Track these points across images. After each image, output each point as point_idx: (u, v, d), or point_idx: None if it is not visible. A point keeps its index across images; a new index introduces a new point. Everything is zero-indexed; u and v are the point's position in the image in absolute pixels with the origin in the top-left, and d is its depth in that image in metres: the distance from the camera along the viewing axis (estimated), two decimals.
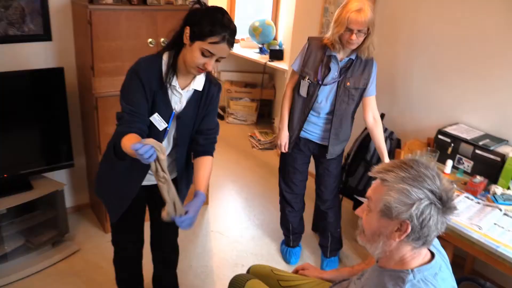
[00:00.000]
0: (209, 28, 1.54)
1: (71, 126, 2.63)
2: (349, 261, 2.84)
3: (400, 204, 1.10)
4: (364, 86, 2.33)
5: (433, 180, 1.11)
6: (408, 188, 1.10)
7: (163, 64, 1.66)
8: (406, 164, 1.15)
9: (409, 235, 1.12)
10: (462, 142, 2.42)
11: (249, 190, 3.65)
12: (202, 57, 1.57)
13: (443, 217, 1.12)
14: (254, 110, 5.09)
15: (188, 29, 1.57)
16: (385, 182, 1.14)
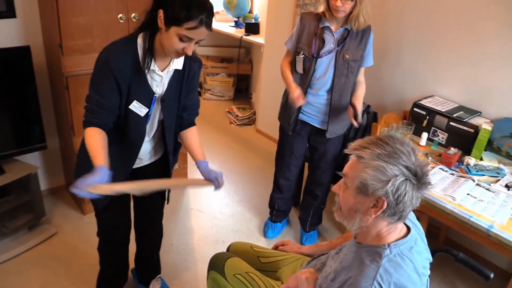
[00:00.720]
0: (184, 12, 1.44)
1: (42, 107, 2.55)
2: (328, 234, 2.89)
3: (376, 181, 1.11)
4: (362, 57, 2.30)
5: (408, 156, 1.12)
6: (384, 165, 1.10)
7: (138, 49, 1.56)
8: (381, 140, 1.16)
9: (385, 211, 1.14)
10: (436, 115, 2.46)
11: (228, 167, 3.64)
12: (180, 42, 1.49)
13: (418, 192, 1.14)
14: (231, 85, 5.03)
15: (161, 12, 1.47)
16: (361, 159, 1.15)
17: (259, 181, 3.44)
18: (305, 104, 2.35)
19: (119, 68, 1.53)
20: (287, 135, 2.51)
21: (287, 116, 2.44)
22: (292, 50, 2.36)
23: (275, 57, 2.47)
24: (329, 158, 2.54)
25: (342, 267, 1.24)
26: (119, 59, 1.54)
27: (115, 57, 1.53)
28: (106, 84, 1.55)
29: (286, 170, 2.65)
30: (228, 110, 4.71)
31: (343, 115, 2.38)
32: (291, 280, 1.41)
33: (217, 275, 1.68)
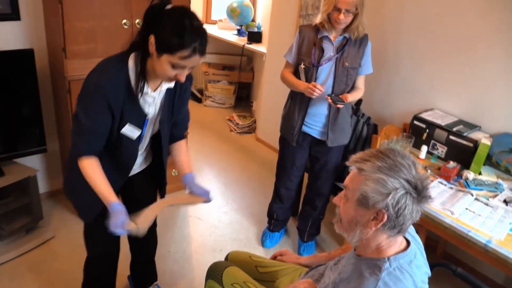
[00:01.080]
0: (176, 40, 1.38)
1: (43, 110, 2.55)
2: (326, 245, 2.88)
3: (377, 193, 1.11)
4: (361, 65, 2.33)
5: (409, 170, 1.13)
6: (385, 178, 1.11)
7: (130, 72, 1.50)
8: (382, 153, 1.17)
9: (385, 224, 1.14)
10: (436, 128, 2.46)
11: (227, 175, 3.64)
12: (173, 69, 1.45)
13: (418, 206, 1.14)
14: (232, 93, 5.05)
15: (152, 38, 1.41)
16: (362, 171, 1.16)
17: (258, 190, 3.44)
18: (308, 115, 2.37)
19: (112, 93, 1.47)
20: (288, 145, 2.52)
21: (290, 128, 2.45)
22: (293, 63, 2.39)
23: (277, 66, 2.49)
24: (330, 168, 2.55)
25: (340, 279, 1.24)
26: (112, 84, 1.47)
27: (108, 82, 1.46)
28: (98, 109, 1.48)
29: (287, 180, 2.65)
30: (229, 117, 4.72)
31: (343, 123, 2.40)
32: None
33: (214, 284, 1.68)
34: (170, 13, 1.42)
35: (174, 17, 1.40)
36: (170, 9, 1.43)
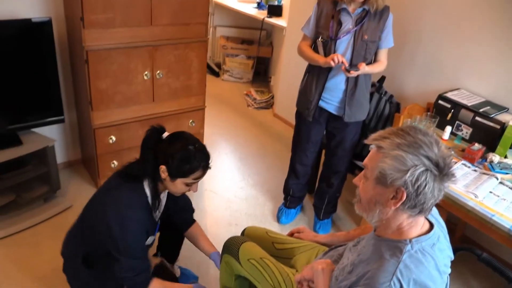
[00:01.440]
0: (188, 166, 1.61)
1: (61, 80, 2.54)
2: (342, 223, 2.86)
3: (395, 170, 1.07)
4: (380, 39, 2.23)
5: (430, 147, 1.08)
6: (403, 155, 1.07)
7: (148, 199, 1.70)
8: (403, 130, 1.12)
9: (405, 203, 1.10)
10: (462, 108, 2.38)
11: (244, 150, 3.62)
12: (187, 186, 1.69)
13: (440, 184, 1.09)
14: (251, 67, 4.97)
15: (164, 167, 1.62)
16: (381, 149, 1.12)
17: (275, 166, 3.41)
18: (325, 90, 2.31)
19: (145, 220, 1.69)
20: (304, 120, 2.46)
21: (307, 102, 2.38)
22: (311, 36, 2.31)
23: (297, 40, 2.41)
24: (346, 145, 2.49)
25: (360, 260, 1.21)
26: (143, 215, 1.69)
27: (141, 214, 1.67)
28: (142, 238, 1.71)
29: (303, 155, 2.61)
30: (246, 92, 4.66)
31: (361, 98, 2.32)
32: (307, 270, 1.39)
33: (231, 259, 1.67)
34: (171, 143, 1.64)
35: (178, 147, 1.62)
36: (169, 139, 1.67)
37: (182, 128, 2.96)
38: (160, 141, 1.67)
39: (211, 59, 5.27)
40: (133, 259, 1.67)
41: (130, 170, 1.72)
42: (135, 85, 2.60)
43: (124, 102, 2.61)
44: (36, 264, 2.26)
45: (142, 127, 2.77)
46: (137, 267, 1.69)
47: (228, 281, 1.76)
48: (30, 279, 2.17)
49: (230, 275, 1.74)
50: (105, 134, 2.64)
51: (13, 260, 2.27)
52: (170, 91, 2.77)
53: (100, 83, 2.46)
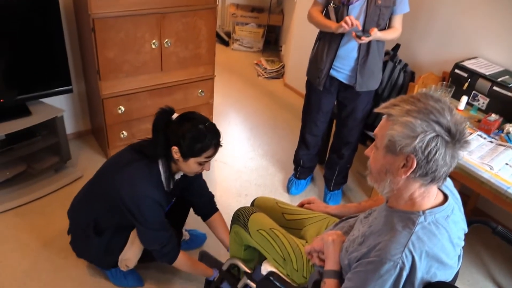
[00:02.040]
0: (199, 145, 1.64)
1: (69, 49, 2.51)
2: (353, 194, 2.84)
3: (404, 137, 1.04)
4: (394, 4, 2.14)
5: (442, 113, 1.03)
6: (412, 121, 1.03)
7: (162, 178, 1.74)
8: (413, 97, 1.08)
9: (416, 171, 1.07)
10: (479, 78, 2.30)
11: (254, 120, 3.58)
12: (200, 165, 1.71)
13: (453, 151, 1.05)
14: (261, 36, 4.87)
15: (176, 148, 1.65)
16: (391, 117, 1.08)
17: (285, 136, 3.38)
18: (337, 58, 2.24)
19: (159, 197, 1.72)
20: (315, 90, 2.41)
21: (317, 71, 2.32)
22: (322, 1, 2.23)
23: (308, 8, 2.32)
24: (358, 116, 2.43)
25: (371, 232, 1.19)
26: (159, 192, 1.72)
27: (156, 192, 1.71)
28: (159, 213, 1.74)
29: (313, 125, 2.57)
30: (256, 62, 4.58)
31: (373, 66, 2.24)
32: (317, 241, 1.37)
33: (240, 229, 1.66)
34: (182, 123, 1.66)
35: (189, 126, 1.64)
36: (179, 120, 1.68)
37: (191, 98, 2.93)
38: (170, 122, 1.69)
39: (220, 28, 5.17)
40: (155, 231, 1.73)
41: (144, 149, 1.74)
42: (143, 54, 2.55)
43: (132, 71, 2.57)
44: (48, 233, 2.29)
45: (151, 97, 2.74)
46: (161, 238, 1.75)
47: (237, 251, 1.77)
48: (41, 247, 2.21)
49: (240, 245, 1.74)
50: (114, 104, 2.61)
51: (25, 229, 2.30)
52: (178, 60, 2.72)
53: (108, 52, 2.42)
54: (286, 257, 1.53)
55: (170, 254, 1.81)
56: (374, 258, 1.08)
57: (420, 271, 1.06)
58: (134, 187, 1.67)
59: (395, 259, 1.05)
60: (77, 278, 2.07)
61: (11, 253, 2.16)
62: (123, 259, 1.87)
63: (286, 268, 1.53)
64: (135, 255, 1.86)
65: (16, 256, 2.15)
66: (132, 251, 1.86)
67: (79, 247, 1.99)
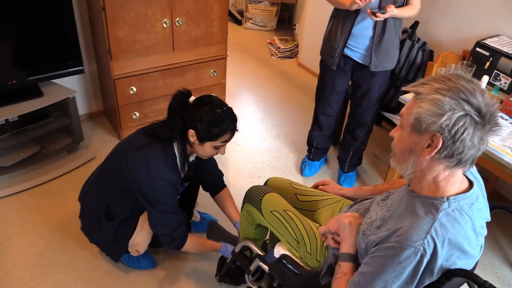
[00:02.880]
0: (216, 129, 1.62)
1: (80, 30, 2.48)
2: (367, 176, 2.79)
3: (430, 114, 1.00)
4: None
5: (473, 93, 0.98)
6: (441, 98, 0.98)
7: (177, 161, 1.73)
8: (444, 77, 1.03)
9: (441, 151, 1.02)
10: (502, 56, 2.21)
11: (267, 101, 3.53)
12: (215, 149, 1.70)
13: (482, 133, 1.00)
14: (274, 15, 4.77)
15: (192, 131, 1.63)
16: (418, 95, 1.04)
17: (299, 117, 3.33)
18: (351, 36, 2.16)
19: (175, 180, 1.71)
20: (329, 70, 2.34)
21: (331, 50, 2.25)
22: None
23: None
24: (373, 96, 2.37)
25: (390, 215, 1.15)
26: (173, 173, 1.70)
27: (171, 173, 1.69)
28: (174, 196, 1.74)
29: (326, 106, 2.51)
30: (270, 41, 4.50)
31: (389, 45, 2.16)
32: (332, 223, 1.34)
33: (252, 209, 1.64)
34: (199, 107, 1.64)
35: (207, 110, 1.62)
36: (197, 103, 1.66)
37: (203, 78, 2.89)
38: (186, 105, 1.66)
39: (233, 7, 5.08)
40: (167, 214, 1.72)
41: (158, 133, 1.71)
42: (154, 33, 2.51)
43: (144, 51, 2.54)
44: (62, 214, 2.30)
45: (163, 77, 2.70)
46: (173, 222, 1.74)
47: (248, 229, 1.75)
48: (56, 228, 2.23)
49: (251, 224, 1.72)
50: (126, 85, 2.59)
51: (40, 211, 2.32)
52: (190, 40, 2.67)
53: (119, 32, 2.38)
54: (300, 240, 1.50)
55: (179, 239, 1.80)
56: (394, 244, 1.04)
57: (441, 258, 1.03)
58: (150, 169, 1.65)
59: (416, 245, 1.01)
60: (91, 259, 2.08)
61: (27, 234, 2.18)
62: (133, 244, 1.87)
63: (300, 250, 1.51)
64: (144, 240, 1.86)
65: (31, 237, 2.17)
66: (141, 236, 1.85)
67: (90, 232, 1.99)
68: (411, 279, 1.04)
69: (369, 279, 1.08)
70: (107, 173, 1.86)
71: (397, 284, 1.05)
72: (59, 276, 2.00)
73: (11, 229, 2.19)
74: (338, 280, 1.20)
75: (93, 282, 1.99)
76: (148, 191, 1.67)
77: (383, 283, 1.06)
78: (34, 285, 1.95)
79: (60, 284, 1.96)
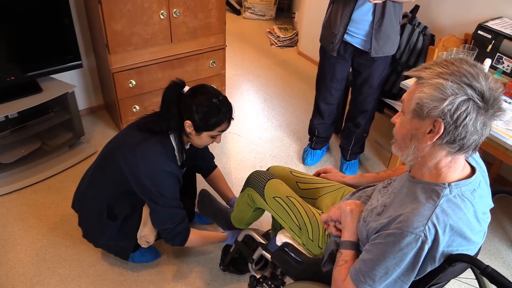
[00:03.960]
0: (213, 120, 1.62)
1: (77, 24, 2.46)
2: (370, 164, 2.78)
3: (432, 99, 0.98)
4: None
5: (476, 77, 0.96)
6: (443, 82, 0.96)
7: (175, 152, 1.73)
8: (447, 61, 1.01)
9: (443, 136, 1.00)
10: (504, 39, 2.18)
11: (268, 90, 3.51)
12: (212, 139, 1.71)
13: (485, 118, 0.98)
14: (273, 4, 4.73)
15: (188, 122, 1.62)
16: (420, 79, 1.02)
17: (300, 106, 3.31)
18: (351, 22, 2.13)
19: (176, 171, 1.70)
20: (329, 56, 2.32)
21: (331, 36, 2.22)
22: None
23: None
24: (374, 83, 2.34)
25: (391, 202, 1.14)
26: (172, 163, 1.69)
27: (171, 164, 1.68)
28: (176, 188, 1.73)
29: (327, 93, 2.49)
30: (269, 30, 4.46)
31: (389, 30, 2.13)
32: (334, 210, 1.33)
33: (255, 193, 1.63)
34: (195, 97, 1.62)
35: (203, 100, 1.61)
36: (192, 93, 1.64)
37: (202, 70, 2.87)
38: (181, 95, 1.65)
39: None
40: (170, 208, 1.71)
41: (153, 126, 1.69)
42: (152, 25, 2.49)
43: (142, 43, 2.52)
44: (65, 209, 2.31)
45: (162, 69, 2.69)
46: (176, 216, 1.73)
47: (245, 211, 1.75)
48: (59, 223, 2.23)
49: (250, 207, 1.71)
50: (125, 78, 2.58)
51: (43, 206, 2.32)
52: (188, 31, 2.65)
53: (116, 24, 2.37)
54: (302, 226, 1.50)
55: (182, 233, 1.78)
56: (394, 230, 1.03)
57: (442, 245, 1.01)
58: (150, 164, 1.64)
59: (417, 232, 1.00)
60: (95, 253, 2.09)
61: (31, 230, 2.19)
62: (141, 236, 1.86)
63: (302, 237, 1.50)
64: (151, 229, 1.85)
65: (35, 233, 2.17)
66: (148, 226, 1.85)
67: (94, 237, 1.97)
68: (412, 266, 1.03)
69: (370, 266, 1.07)
70: (103, 176, 1.82)
71: (398, 271, 1.04)
72: (64, 271, 2.01)
73: (15, 226, 2.20)
74: (340, 268, 1.19)
75: (98, 276, 1.99)
76: (151, 187, 1.65)
77: (384, 270, 1.05)
78: (39, 280, 1.96)
79: (65, 278, 1.97)
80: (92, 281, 1.97)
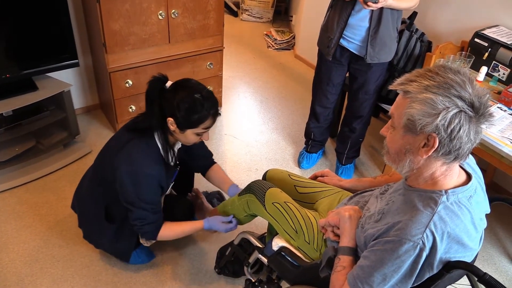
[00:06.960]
0: (196, 116, 1.54)
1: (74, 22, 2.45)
2: (365, 168, 2.79)
3: (424, 115, 0.98)
4: None
5: (463, 86, 0.97)
6: (433, 97, 0.96)
7: (161, 152, 1.67)
8: (431, 71, 1.01)
9: (438, 150, 1.01)
10: (500, 47, 2.20)
11: (264, 93, 3.51)
12: (197, 136, 1.63)
13: (477, 126, 0.99)
14: (271, 6, 4.73)
15: (171, 119, 1.56)
16: (407, 94, 1.02)
17: (296, 109, 3.31)
18: (348, 26, 2.13)
19: (159, 174, 1.65)
20: (326, 61, 2.32)
21: (327, 40, 2.23)
22: None
23: None
24: (369, 89, 2.35)
25: (389, 209, 1.14)
26: (156, 167, 1.64)
27: (154, 167, 1.63)
28: (157, 192, 1.68)
29: (323, 97, 2.49)
30: (266, 33, 4.47)
31: (386, 37, 2.13)
32: (332, 215, 1.33)
33: (254, 200, 1.63)
34: (176, 93, 1.55)
35: (184, 96, 1.53)
36: (174, 88, 1.57)
37: (199, 71, 2.87)
38: (164, 91, 1.58)
39: None
40: (143, 210, 1.66)
41: (137, 124, 1.66)
42: (150, 25, 2.48)
43: (139, 44, 2.51)
44: (59, 208, 2.29)
45: (159, 70, 2.67)
46: (146, 218, 1.68)
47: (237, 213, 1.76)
48: (53, 223, 2.21)
49: (243, 211, 1.72)
50: (121, 78, 2.56)
51: (36, 205, 2.30)
52: (186, 32, 2.64)
53: (113, 24, 2.35)
54: (298, 230, 1.50)
55: (150, 233, 1.74)
56: (393, 238, 1.04)
57: (440, 252, 1.02)
58: (132, 165, 1.60)
59: (415, 239, 1.00)
60: (89, 254, 2.07)
61: (23, 229, 2.16)
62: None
63: (298, 241, 1.50)
64: None
65: (28, 232, 2.15)
66: None
67: (94, 239, 1.95)
68: (410, 273, 1.04)
69: (367, 272, 1.08)
70: (99, 177, 1.80)
71: (396, 278, 1.04)
72: (57, 271, 1.99)
73: (8, 225, 2.18)
74: (338, 274, 1.19)
75: (91, 277, 1.98)
76: (131, 190, 1.62)
77: (381, 276, 1.05)
78: (31, 280, 1.94)
79: (58, 279, 1.95)
80: (85, 282, 1.95)
